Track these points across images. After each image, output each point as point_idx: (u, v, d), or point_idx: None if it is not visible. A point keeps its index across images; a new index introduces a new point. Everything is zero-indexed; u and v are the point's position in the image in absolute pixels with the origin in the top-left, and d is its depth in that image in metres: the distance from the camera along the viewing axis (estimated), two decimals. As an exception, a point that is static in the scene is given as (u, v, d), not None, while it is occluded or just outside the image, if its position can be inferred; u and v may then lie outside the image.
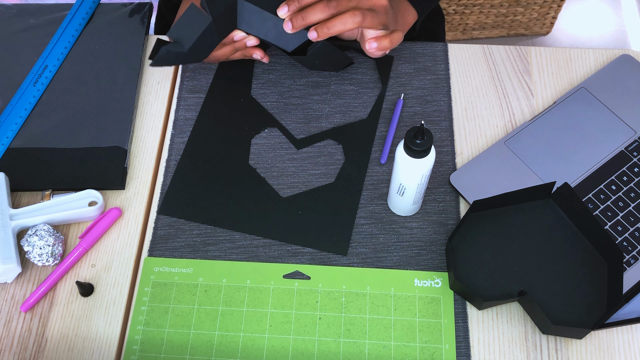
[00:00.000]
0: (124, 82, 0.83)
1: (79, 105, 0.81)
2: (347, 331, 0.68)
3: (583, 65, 0.84)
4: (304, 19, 0.69)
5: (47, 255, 0.69)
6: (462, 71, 0.84)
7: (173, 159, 0.79)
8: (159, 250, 0.73)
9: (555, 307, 0.67)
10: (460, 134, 0.79)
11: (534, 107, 0.81)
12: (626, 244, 0.72)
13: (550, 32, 1.89)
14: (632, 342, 0.67)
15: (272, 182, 0.77)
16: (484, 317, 0.69)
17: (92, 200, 0.74)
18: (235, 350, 0.67)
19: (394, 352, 0.67)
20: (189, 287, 0.70)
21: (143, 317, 0.69)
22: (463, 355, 0.66)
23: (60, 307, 0.70)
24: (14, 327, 0.69)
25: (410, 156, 0.64)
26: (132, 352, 0.67)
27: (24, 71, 0.84)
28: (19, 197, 0.76)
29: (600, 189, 0.75)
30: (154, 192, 0.77)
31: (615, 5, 1.95)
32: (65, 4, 0.90)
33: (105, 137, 0.79)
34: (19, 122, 0.80)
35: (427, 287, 0.70)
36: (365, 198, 0.76)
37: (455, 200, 0.75)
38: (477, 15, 1.78)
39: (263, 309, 0.69)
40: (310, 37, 0.71)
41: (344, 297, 0.70)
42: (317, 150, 0.79)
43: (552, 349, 0.67)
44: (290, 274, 0.71)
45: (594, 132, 0.78)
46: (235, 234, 0.74)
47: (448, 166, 0.77)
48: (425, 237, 0.73)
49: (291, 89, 0.83)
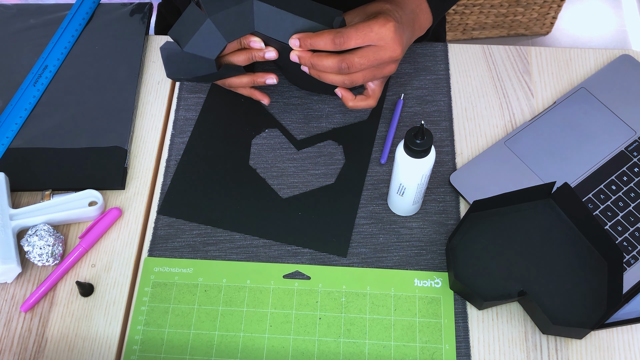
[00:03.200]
0: (124, 82, 0.83)
1: (79, 105, 0.81)
2: (347, 331, 0.68)
3: (583, 65, 0.84)
4: (313, 65, 0.68)
5: (47, 255, 0.69)
6: (462, 71, 0.84)
7: (173, 159, 0.79)
8: (159, 250, 0.73)
9: (555, 307, 0.67)
10: (460, 134, 0.79)
11: (534, 107, 0.81)
12: (626, 244, 0.72)
13: (550, 32, 1.90)
14: (632, 342, 0.67)
15: (272, 182, 0.77)
16: (484, 317, 0.69)
17: (92, 200, 0.74)
18: (235, 350, 0.67)
19: (394, 352, 0.67)
20: (189, 287, 0.70)
21: (143, 317, 0.69)
22: (463, 355, 0.66)
23: (60, 307, 0.70)
24: (14, 327, 0.69)
25: (410, 156, 0.64)
26: (132, 352, 0.67)
27: (24, 71, 0.84)
28: (19, 197, 0.76)
29: (600, 189, 0.75)
30: (154, 192, 0.77)
31: (615, 5, 1.95)
32: (65, 4, 0.90)
33: (105, 137, 0.79)
34: (19, 122, 0.80)
35: (427, 287, 0.70)
36: (365, 198, 0.76)
37: (455, 200, 0.75)
38: (477, 15, 1.78)
39: (263, 309, 0.69)
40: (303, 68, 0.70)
41: (344, 297, 0.70)
42: (317, 150, 0.79)
43: (552, 349, 0.67)
44: (290, 274, 0.71)
45: (594, 132, 0.78)
46: (235, 234, 0.74)
47: (448, 166, 0.77)
48: (425, 237, 0.73)
49: (291, 89, 0.83)
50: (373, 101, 0.73)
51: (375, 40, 0.66)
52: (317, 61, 0.67)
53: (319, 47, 0.66)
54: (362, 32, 0.65)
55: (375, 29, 0.66)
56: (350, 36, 0.65)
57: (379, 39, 0.66)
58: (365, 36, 0.66)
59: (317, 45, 0.66)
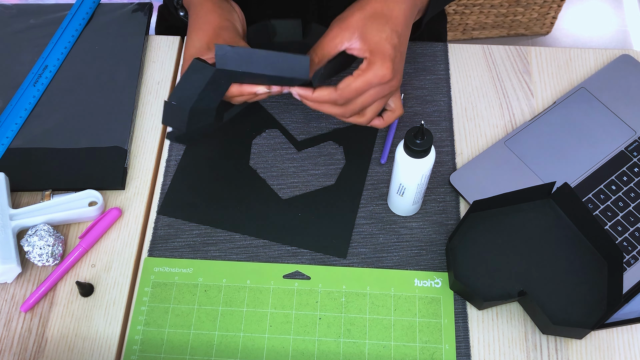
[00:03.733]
0: (124, 82, 0.83)
1: (79, 105, 0.81)
2: (347, 331, 0.68)
3: (583, 65, 0.84)
4: (315, 108, 0.68)
5: (47, 255, 0.69)
6: (462, 71, 0.84)
7: (173, 159, 0.79)
8: (159, 250, 0.73)
9: (555, 307, 0.67)
10: (460, 134, 0.79)
11: (534, 107, 0.81)
12: (626, 244, 0.72)
13: (550, 32, 1.90)
14: (632, 342, 0.67)
15: (272, 183, 0.77)
16: (484, 317, 0.69)
17: (92, 200, 0.74)
18: (235, 350, 0.67)
19: (394, 352, 0.67)
20: (189, 287, 0.70)
21: (143, 317, 0.69)
22: (463, 355, 0.66)
23: (60, 307, 0.70)
24: (14, 327, 0.69)
25: (410, 156, 0.64)
26: (132, 352, 0.67)
27: (24, 71, 0.84)
28: (19, 197, 0.76)
29: (600, 189, 0.75)
30: (154, 192, 0.77)
31: (616, 5, 1.95)
32: (65, 4, 0.90)
33: (105, 137, 0.79)
34: (19, 122, 0.80)
35: (427, 287, 0.70)
36: (365, 198, 0.75)
37: (455, 200, 0.75)
38: (477, 15, 1.78)
39: (263, 309, 0.69)
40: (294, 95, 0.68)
41: (344, 297, 0.70)
42: (318, 151, 0.79)
43: (552, 349, 0.67)
44: (290, 274, 0.71)
45: (594, 132, 0.78)
46: (235, 234, 0.74)
47: (448, 166, 0.77)
48: (425, 237, 0.73)
49: (291, 89, 0.83)
50: (400, 110, 0.72)
51: (376, 83, 0.65)
52: (320, 108, 0.68)
53: (323, 111, 0.68)
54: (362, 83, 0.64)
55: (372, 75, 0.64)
56: (352, 92, 0.65)
57: (379, 81, 0.64)
58: (367, 85, 0.65)
59: (322, 109, 0.68)
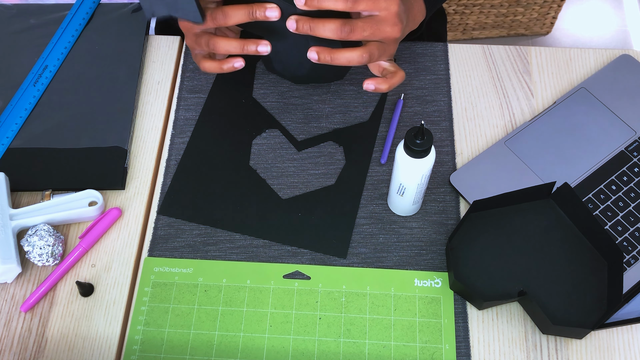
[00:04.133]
0: (124, 82, 0.83)
1: (79, 105, 0.81)
2: (347, 331, 0.68)
3: (583, 65, 0.84)
4: (311, 28, 0.65)
5: (47, 255, 0.69)
6: (462, 71, 0.84)
7: (173, 159, 0.79)
8: (159, 250, 0.73)
9: (555, 307, 0.67)
10: (460, 134, 0.79)
11: (534, 107, 0.81)
12: (626, 244, 0.72)
13: (550, 32, 1.89)
14: (632, 342, 0.67)
15: (272, 183, 0.77)
16: (484, 317, 0.69)
17: (92, 200, 0.74)
18: (235, 350, 0.67)
19: (394, 352, 0.67)
20: (189, 287, 0.70)
21: (143, 317, 0.69)
22: (463, 355, 0.66)
23: (60, 307, 0.70)
24: (14, 327, 0.69)
25: (410, 156, 0.64)
26: (132, 352, 0.67)
27: (24, 71, 0.84)
28: (19, 197, 0.76)
29: (600, 189, 0.75)
30: (154, 192, 0.77)
31: (616, 5, 1.95)
32: (65, 4, 0.90)
33: (105, 137, 0.79)
34: (19, 122, 0.80)
35: (427, 287, 0.70)
36: (365, 198, 0.75)
37: (455, 200, 0.75)
38: (477, 15, 1.78)
39: (263, 309, 0.69)
40: (310, 56, 0.67)
41: (344, 297, 0.70)
42: (318, 151, 0.79)
43: (552, 349, 0.67)
44: (290, 274, 0.71)
45: (594, 132, 0.78)
46: (235, 234, 0.74)
47: (448, 166, 0.77)
48: (425, 237, 0.73)
49: (291, 89, 0.83)
50: (401, 72, 0.71)
51: (382, 9, 0.65)
52: (316, 24, 0.65)
53: (327, 6, 0.64)
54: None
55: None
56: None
57: (385, 8, 0.65)
58: (375, 2, 0.65)
59: (326, 5, 0.64)
